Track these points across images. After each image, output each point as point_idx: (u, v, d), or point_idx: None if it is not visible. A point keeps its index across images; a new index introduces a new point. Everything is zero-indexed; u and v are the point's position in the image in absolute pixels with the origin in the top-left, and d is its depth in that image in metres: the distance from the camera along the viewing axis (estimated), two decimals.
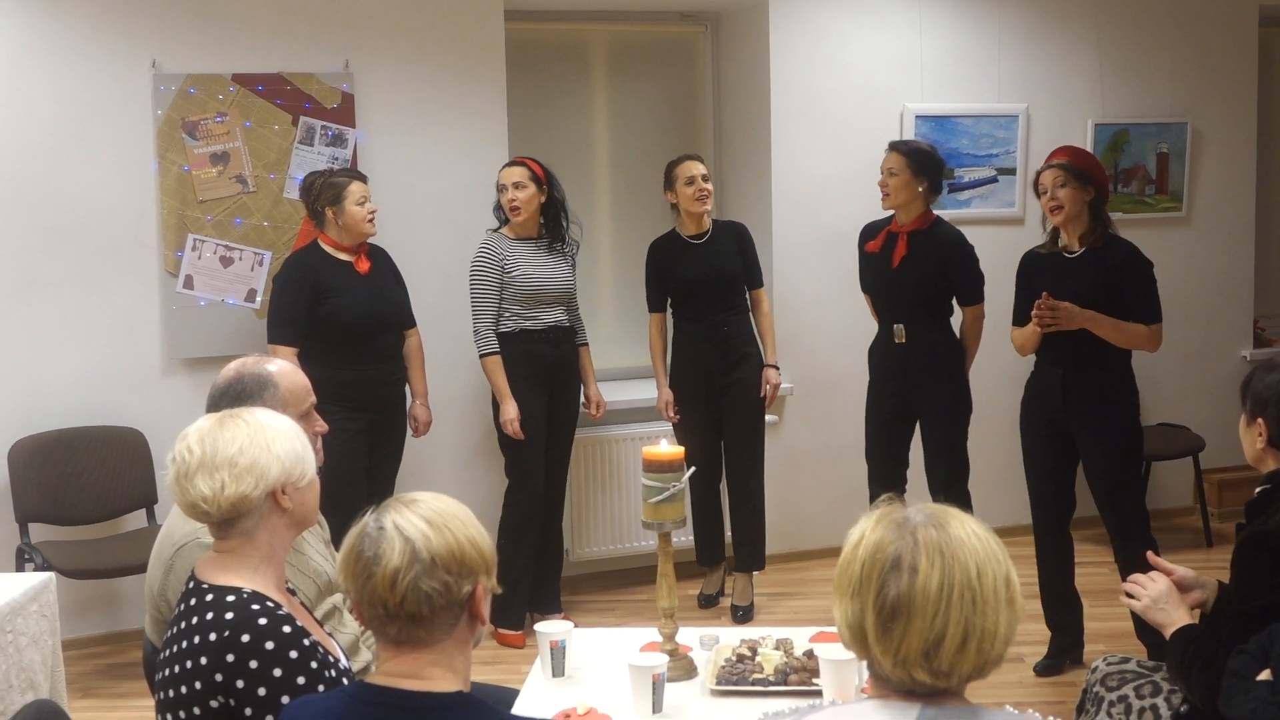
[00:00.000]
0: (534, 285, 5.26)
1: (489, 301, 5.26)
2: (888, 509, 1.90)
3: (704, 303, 5.51)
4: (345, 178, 5.10)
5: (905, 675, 1.83)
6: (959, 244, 5.16)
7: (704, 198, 5.44)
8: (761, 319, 5.63)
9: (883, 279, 5.23)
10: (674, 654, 3.28)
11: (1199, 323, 6.91)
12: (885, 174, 5.15)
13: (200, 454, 2.41)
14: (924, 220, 5.16)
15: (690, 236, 5.54)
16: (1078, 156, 4.79)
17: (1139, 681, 3.27)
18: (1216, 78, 6.85)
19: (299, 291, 5.01)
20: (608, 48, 6.56)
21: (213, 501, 2.40)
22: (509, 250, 5.27)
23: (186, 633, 2.37)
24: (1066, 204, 4.66)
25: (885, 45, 6.32)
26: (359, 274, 5.10)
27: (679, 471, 3.29)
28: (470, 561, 2.05)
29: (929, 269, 5.11)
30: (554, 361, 5.35)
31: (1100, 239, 4.72)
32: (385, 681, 2.06)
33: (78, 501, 5.30)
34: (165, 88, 5.37)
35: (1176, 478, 6.86)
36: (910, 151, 5.14)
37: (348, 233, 5.07)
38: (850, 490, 5.78)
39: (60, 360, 5.37)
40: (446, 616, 2.04)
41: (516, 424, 5.21)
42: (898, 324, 5.19)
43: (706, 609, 5.74)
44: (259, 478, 2.41)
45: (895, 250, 5.15)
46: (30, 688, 3.76)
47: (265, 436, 2.44)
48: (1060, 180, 4.67)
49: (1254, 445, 3.10)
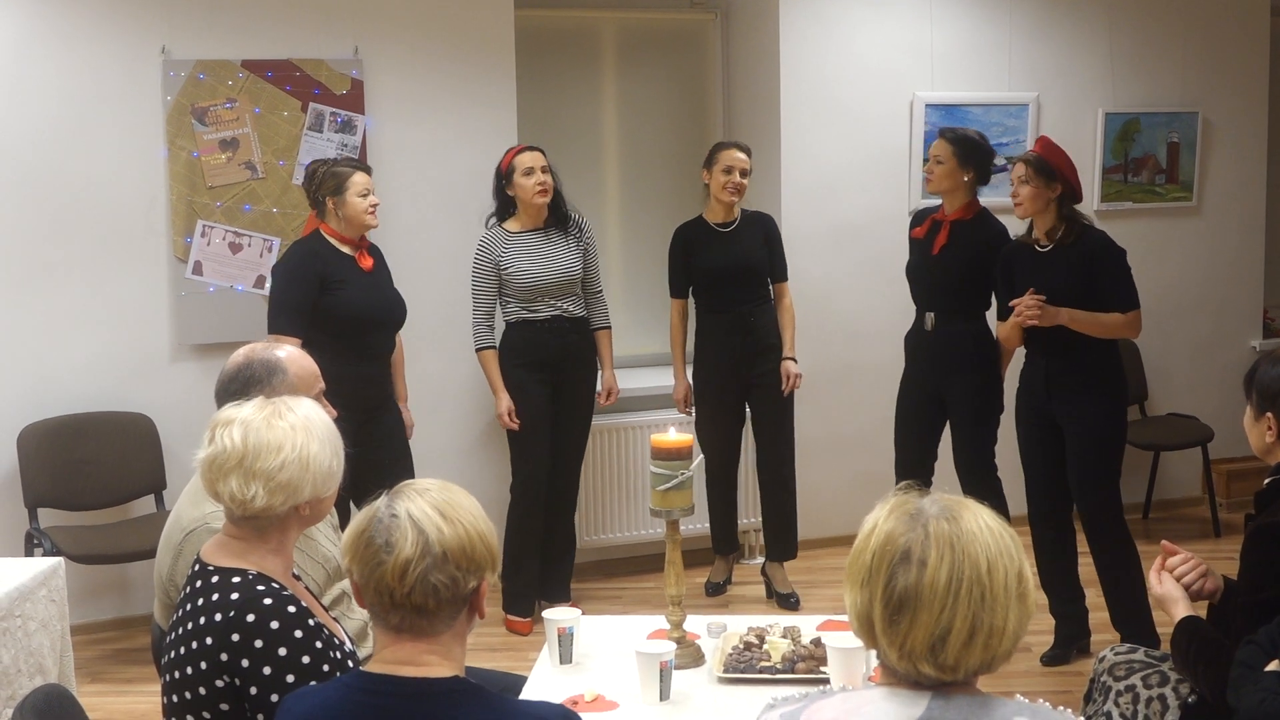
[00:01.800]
0: (529, 280, 5.23)
1: (484, 298, 5.28)
2: (903, 499, 1.89)
3: (727, 293, 5.48)
4: (349, 168, 4.97)
5: (911, 668, 1.83)
6: (1001, 237, 5.09)
7: (735, 191, 5.42)
8: (783, 312, 5.58)
9: (921, 266, 5.20)
10: (681, 641, 3.28)
11: (1208, 312, 6.90)
12: (932, 160, 5.13)
13: (242, 450, 2.39)
14: (968, 210, 5.11)
15: (717, 224, 5.52)
16: (1047, 152, 4.76)
17: (1147, 671, 3.26)
18: (1228, 67, 6.83)
19: (305, 280, 4.86)
20: (617, 36, 6.54)
21: (239, 504, 2.41)
22: (505, 246, 5.26)
23: (193, 614, 2.38)
24: (1025, 201, 4.69)
25: (896, 34, 6.30)
26: (362, 269, 4.98)
27: (687, 459, 3.29)
28: (479, 557, 2.06)
29: (967, 260, 5.06)
30: (557, 351, 5.31)
31: (1069, 235, 4.71)
32: (382, 669, 2.07)
33: (87, 487, 5.31)
34: (174, 73, 5.37)
35: (1185, 468, 6.85)
36: (957, 139, 5.10)
37: (348, 224, 4.94)
38: (858, 479, 5.78)
39: (70, 346, 5.38)
40: (450, 610, 2.05)
41: (508, 417, 5.23)
42: (929, 312, 5.17)
43: (714, 597, 5.74)
44: (290, 495, 2.41)
45: (936, 238, 5.11)
46: (39, 672, 3.77)
47: (308, 451, 2.42)
48: (1024, 177, 4.69)
49: (1262, 438, 3.09)
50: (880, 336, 6.22)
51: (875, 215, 6.26)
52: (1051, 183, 4.68)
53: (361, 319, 4.95)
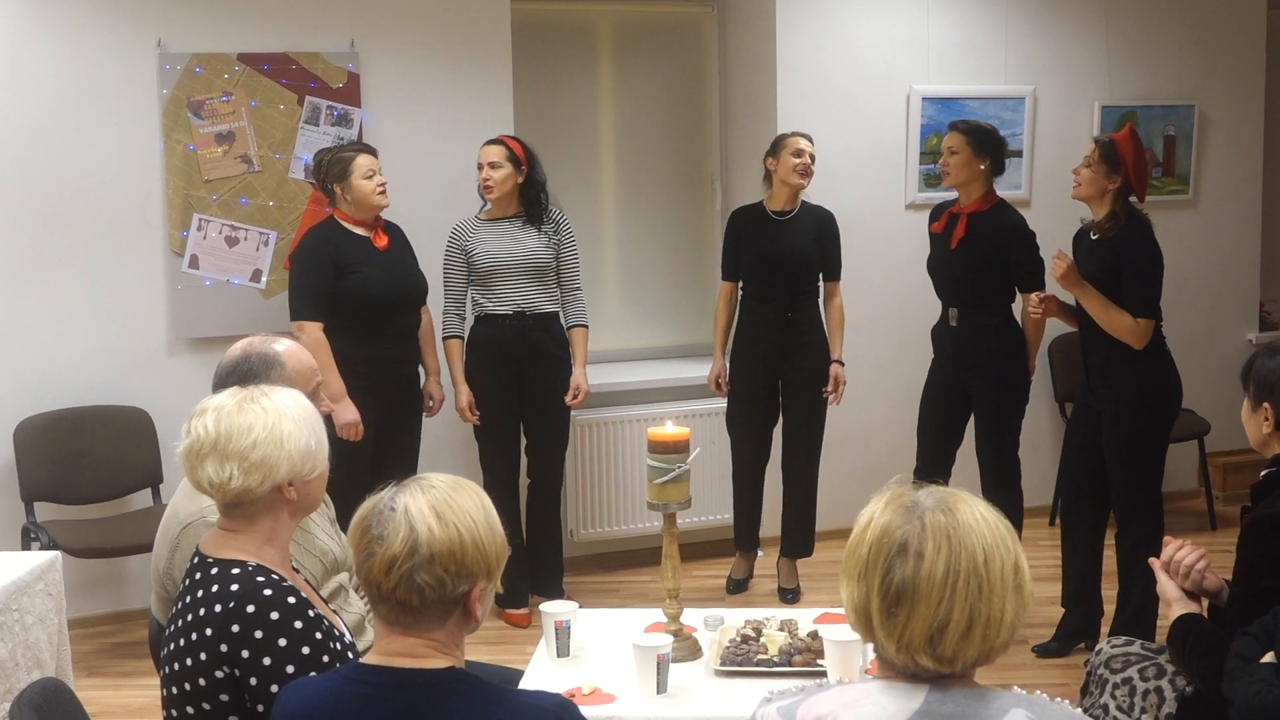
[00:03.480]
0: (490, 261, 5.20)
1: (451, 286, 5.28)
2: (898, 491, 1.89)
3: (771, 281, 5.43)
4: (351, 152, 5.03)
5: (909, 660, 1.83)
6: (1019, 227, 5.08)
7: (806, 172, 5.38)
8: (832, 311, 5.52)
9: (941, 260, 5.18)
10: (678, 635, 3.28)
11: (1204, 306, 6.90)
12: (946, 153, 5.10)
13: (215, 435, 2.41)
14: (985, 202, 5.07)
15: (775, 212, 5.47)
16: (1124, 143, 4.68)
17: (1143, 664, 3.27)
18: (1224, 60, 6.83)
19: (321, 265, 4.92)
20: (614, 28, 6.53)
21: (218, 488, 2.42)
22: (473, 233, 5.26)
23: (192, 606, 2.38)
24: (1085, 184, 4.66)
25: (892, 27, 6.30)
26: (377, 249, 5.04)
27: (684, 452, 3.29)
28: (470, 563, 2.04)
29: (987, 252, 5.03)
30: (520, 350, 5.26)
31: (1114, 229, 4.65)
32: (379, 660, 2.07)
33: (83, 481, 5.31)
34: (171, 67, 5.36)
35: (1181, 461, 6.85)
36: (970, 130, 5.08)
37: (358, 207, 5.00)
38: (862, 473, 5.78)
39: (66, 340, 5.38)
40: (437, 610, 2.04)
41: (467, 411, 5.23)
42: (952, 307, 5.16)
43: (736, 594, 5.70)
44: (267, 474, 2.41)
45: (954, 232, 5.09)
46: (36, 666, 3.77)
47: (282, 430, 2.43)
48: (1089, 160, 4.67)
49: (1259, 430, 3.09)
50: (879, 330, 6.23)
51: (872, 208, 6.26)
52: (1113, 173, 4.63)
53: (380, 298, 5.00)
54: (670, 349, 6.53)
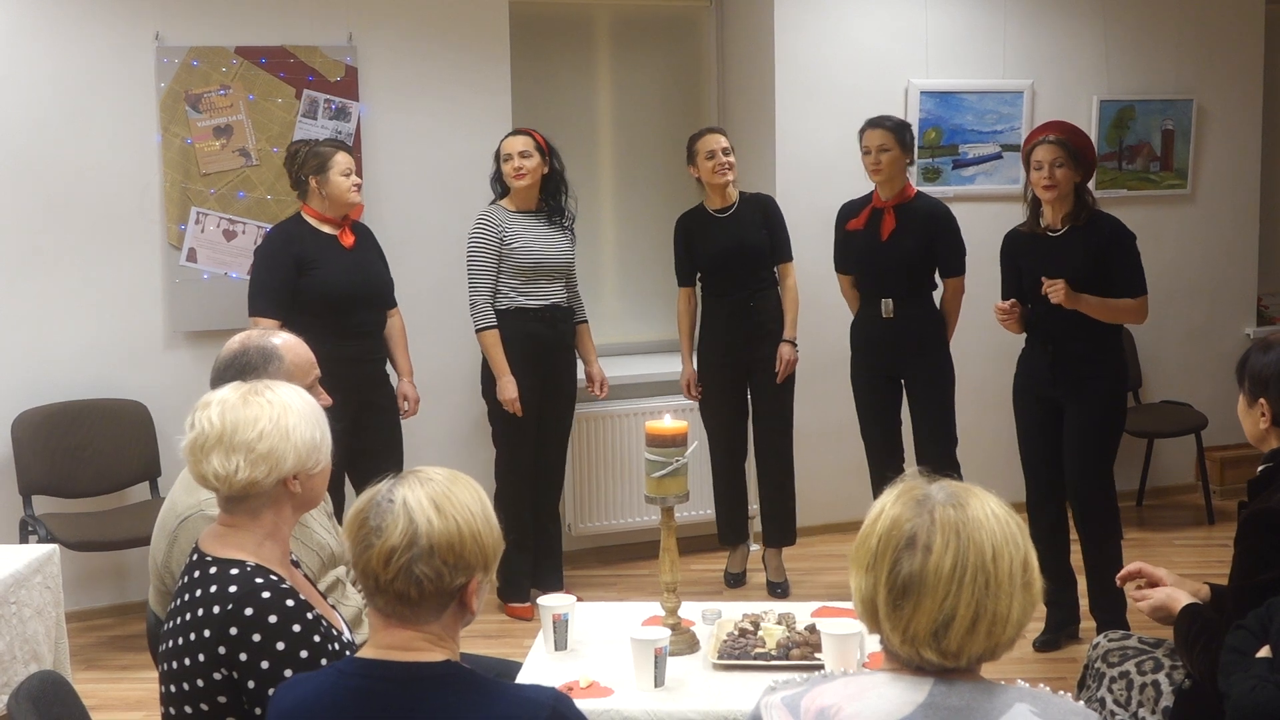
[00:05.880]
0: (534, 258, 5.20)
1: (486, 275, 5.19)
2: (911, 484, 1.89)
3: (730, 277, 5.46)
4: (330, 148, 5.01)
5: (914, 653, 1.83)
6: (945, 215, 5.19)
7: (724, 170, 5.40)
8: (785, 293, 5.56)
9: (871, 255, 5.22)
10: (676, 628, 3.29)
11: (1202, 300, 6.91)
12: (875, 151, 5.13)
13: (220, 428, 2.40)
14: (906, 193, 5.19)
15: (716, 210, 5.49)
16: (1074, 135, 4.74)
17: (1140, 657, 3.27)
18: (1222, 55, 6.83)
19: (280, 263, 4.92)
20: (612, 22, 6.53)
21: (224, 481, 2.40)
22: (508, 222, 5.22)
23: (190, 605, 2.37)
24: (1061, 183, 4.66)
25: (890, 20, 6.29)
26: (343, 247, 5.00)
27: (682, 446, 3.29)
28: (468, 556, 2.04)
29: (918, 241, 5.14)
30: (549, 342, 5.28)
31: (1080, 217, 4.71)
32: (374, 654, 2.07)
33: (81, 474, 5.31)
34: (168, 60, 5.35)
35: (1178, 455, 6.87)
36: (896, 126, 5.18)
37: (331, 203, 4.98)
38: (850, 466, 5.78)
39: (64, 333, 5.37)
40: (435, 602, 2.04)
41: (517, 403, 5.17)
42: (886, 299, 5.20)
43: (735, 588, 5.70)
44: (273, 466, 2.40)
45: (882, 225, 5.15)
46: (34, 659, 3.77)
47: (287, 422, 2.42)
48: (1059, 160, 4.65)
49: (1256, 425, 3.10)
50: None
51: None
52: (1079, 167, 4.68)
53: (340, 297, 4.96)
54: (668, 343, 6.51)
